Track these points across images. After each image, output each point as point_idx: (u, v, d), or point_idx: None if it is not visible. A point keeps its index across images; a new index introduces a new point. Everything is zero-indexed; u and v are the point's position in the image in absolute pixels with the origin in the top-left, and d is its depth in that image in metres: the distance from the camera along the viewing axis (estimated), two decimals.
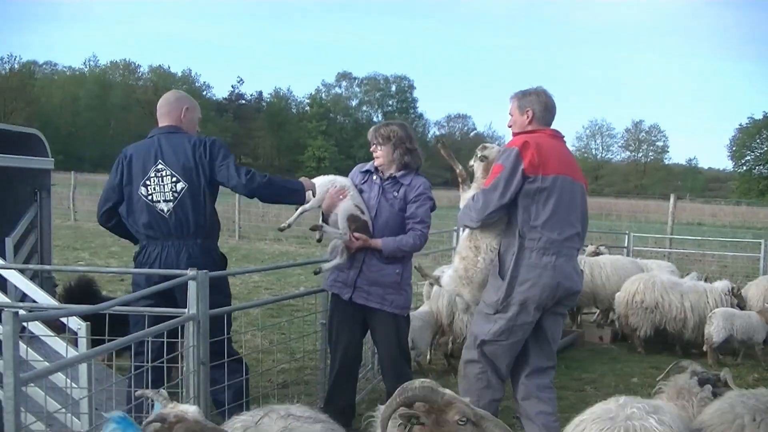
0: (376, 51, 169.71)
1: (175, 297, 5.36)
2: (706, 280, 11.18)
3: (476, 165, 5.83)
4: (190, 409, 2.93)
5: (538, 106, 5.58)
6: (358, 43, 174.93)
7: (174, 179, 5.47)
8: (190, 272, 4.76)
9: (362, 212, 6.00)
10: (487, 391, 5.54)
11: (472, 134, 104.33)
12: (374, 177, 6.14)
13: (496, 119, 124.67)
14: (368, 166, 6.24)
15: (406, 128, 6.22)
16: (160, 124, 5.75)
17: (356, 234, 5.90)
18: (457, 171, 5.82)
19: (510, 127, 5.74)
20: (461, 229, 5.99)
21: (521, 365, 5.68)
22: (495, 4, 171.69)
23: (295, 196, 5.84)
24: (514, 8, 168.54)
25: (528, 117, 5.57)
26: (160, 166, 5.51)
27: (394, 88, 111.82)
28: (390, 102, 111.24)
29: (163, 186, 5.48)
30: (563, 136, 5.70)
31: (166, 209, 5.47)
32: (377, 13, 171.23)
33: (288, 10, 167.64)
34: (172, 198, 5.46)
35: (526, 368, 5.66)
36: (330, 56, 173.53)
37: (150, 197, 5.51)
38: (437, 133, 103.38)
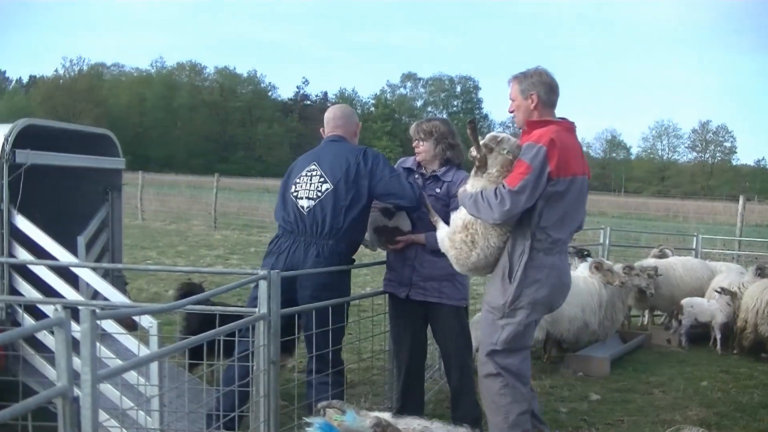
0: (441, 52, 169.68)
1: (295, 293, 5.54)
2: None
3: (492, 157, 5.24)
4: (385, 415, 2.91)
5: (542, 88, 5.27)
6: (423, 44, 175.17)
7: (321, 179, 5.63)
8: (261, 272, 4.80)
9: (390, 217, 5.96)
10: (514, 406, 5.18)
11: None
12: (415, 175, 6.08)
13: None
14: (410, 163, 6.18)
15: (448, 123, 6.21)
16: (329, 133, 5.97)
17: (398, 237, 5.92)
18: (479, 155, 5.29)
19: (511, 112, 5.49)
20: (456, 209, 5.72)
21: None
22: (560, 3, 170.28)
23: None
24: (579, 7, 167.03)
25: (533, 101, 5.27)
26: (312, 167, 5.72)
27: (459, 88, 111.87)
28: (455, 103, 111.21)
29: (310, 184, 5.65)
30: (575, 127, 5.42)
31: (306, 206, 5.60)
32: (442, 13, 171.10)
33: (353, 11, 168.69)
34: (315, 196, 5.60)
35: None
36: (395, 57, 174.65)
37: (296, 194, 5.69)
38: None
